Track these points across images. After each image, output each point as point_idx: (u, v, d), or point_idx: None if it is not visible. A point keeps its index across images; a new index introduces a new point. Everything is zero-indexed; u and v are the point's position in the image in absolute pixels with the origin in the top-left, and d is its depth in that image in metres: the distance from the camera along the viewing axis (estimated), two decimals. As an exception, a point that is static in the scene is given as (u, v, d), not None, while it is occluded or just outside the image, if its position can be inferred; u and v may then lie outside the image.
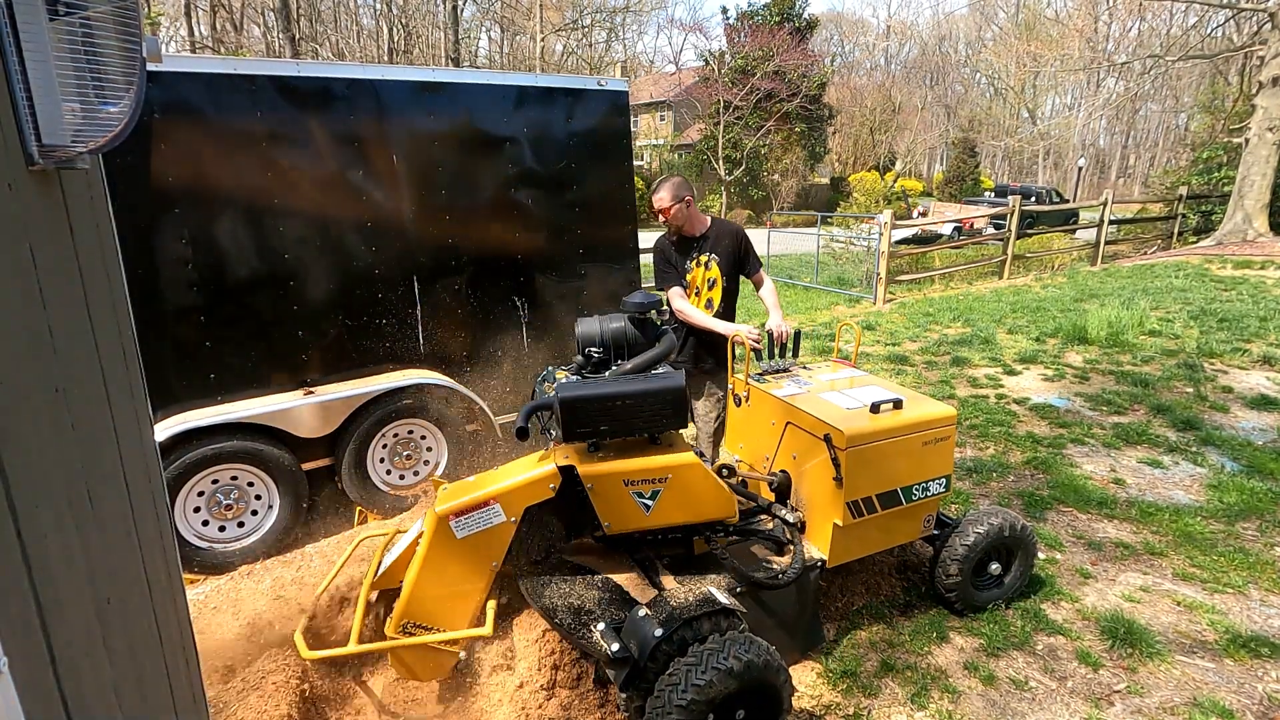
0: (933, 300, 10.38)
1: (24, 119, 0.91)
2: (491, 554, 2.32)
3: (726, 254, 3.32)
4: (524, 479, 2.30)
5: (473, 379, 4.37)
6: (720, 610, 2.22)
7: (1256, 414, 5.25)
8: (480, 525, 2.28)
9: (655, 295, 2.59)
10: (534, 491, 2.31)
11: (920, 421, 2.72)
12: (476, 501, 2.27)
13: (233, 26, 28.98)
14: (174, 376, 3.50)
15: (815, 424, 2.67)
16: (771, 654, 2.11)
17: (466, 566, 2.31)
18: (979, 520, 2.92)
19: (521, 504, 2.31)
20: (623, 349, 2.54)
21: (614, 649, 2.15)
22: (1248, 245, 13.64)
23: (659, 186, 3.27)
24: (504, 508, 2.28)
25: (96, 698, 0.96)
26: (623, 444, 2.39)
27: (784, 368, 3.24)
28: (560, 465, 2.31)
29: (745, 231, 3.43)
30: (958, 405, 5.51)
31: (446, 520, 2.26)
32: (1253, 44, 16.24)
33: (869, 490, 2.65)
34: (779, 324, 3.24)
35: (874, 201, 17.84)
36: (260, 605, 3.04)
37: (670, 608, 2.20)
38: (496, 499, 2.28)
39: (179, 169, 3.37)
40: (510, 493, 2.29)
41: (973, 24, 50.12)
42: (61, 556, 0.90)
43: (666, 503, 2.34)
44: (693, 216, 3.32)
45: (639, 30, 56.42)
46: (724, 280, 3.34)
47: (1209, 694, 2.58)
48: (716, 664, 2.01)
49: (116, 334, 1.33)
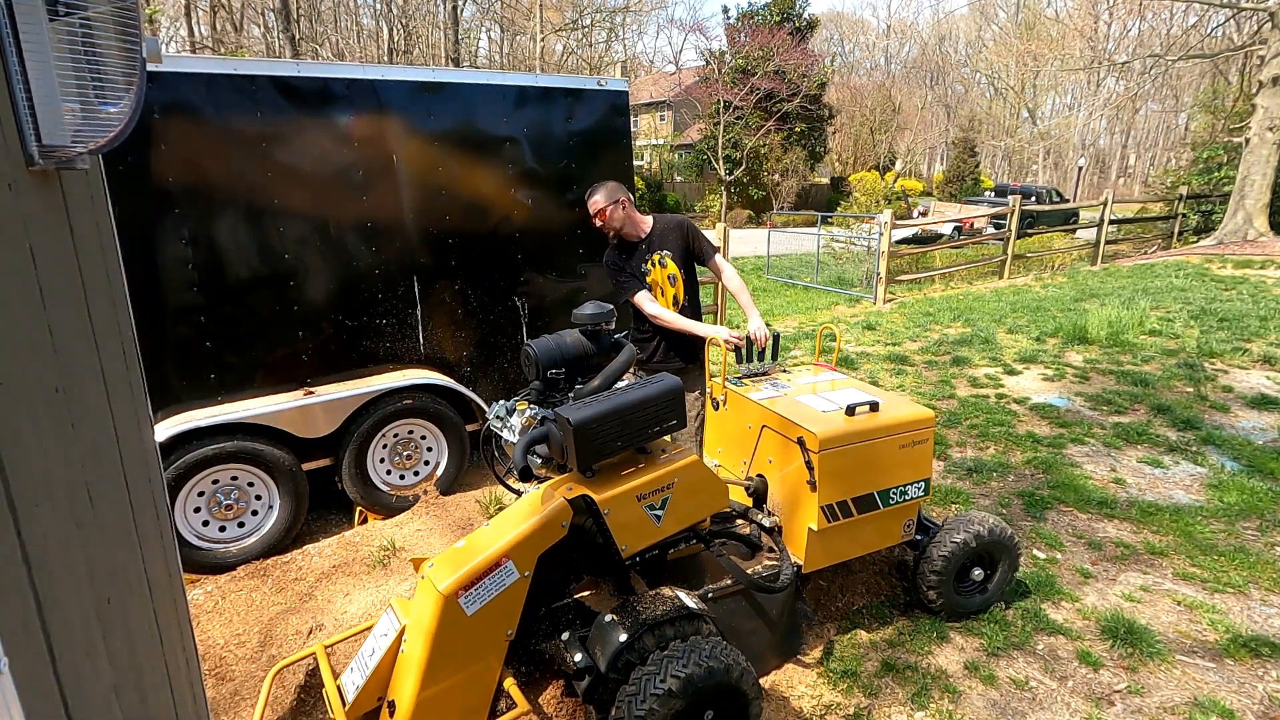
0: (933, 300, 10.37)
1: (24, 119, 0.91)
2: (506, 621, 2.01)
3: (677, 248, 3.28)
4: (534, 523, 2.02)
5: (472, 379, 4.37)
6: (687, 615, 2.16)
7: (1257, 414, 5.24)
8: (494, 591, 1.97)
9: (607, 306, 2.46)
10: (547, 535, 2.05)
11: (897, 424, 2.68)
12: (487, 564, 1.95)
13: (233, 27, 28.98)
14: (174, 376, 3.51)
15: (789, 427, 2.65)
16: (737, 658, 2.05)
17: (480, 645, 1.99)
18: (958, 527, 2.87)
19: (536, 552, 2.03)
20: (581, 366, 2.39)
21: (577, 659, 2.08)
22: (1248, 245, 13.63)
23: (593, 191, 3.18)
24: (517, 563, 1.99)
25: (96, 698, 0.97)
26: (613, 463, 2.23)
27: (763, 371, 3.21)
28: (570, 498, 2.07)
29: (689, 221, 3.37)
30: (958, 405, 5.51)
31: (455, 598, 1.91)
32: (1253, 43, 16.25)
33: (844, 494, 2.61)
34: (759, 327, 3.17)
35: (874, 201, 17.82)
36: (260, 607, 3.04)
37: (636, 614, 2.14)
38: (508, 554, 1.98)
39: (179, 169, 3.37)
40: (523, 543, 2.00)
41: (973, 24, 50.15)
42: (61, 556, 0.90)
43: (674, 509, 2.25)
44: (631, 218, 3.23)
45: (639, 30, 56.35)
46: (683, 274, 3.30)
47: (1209, 694, 2.57)
48: (676, 671, 1.93)
49: (116, 334, 1.33)
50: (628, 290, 3.27)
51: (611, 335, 2.49)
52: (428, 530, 3.75)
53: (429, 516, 3.88)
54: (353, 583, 3.30)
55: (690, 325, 3.20)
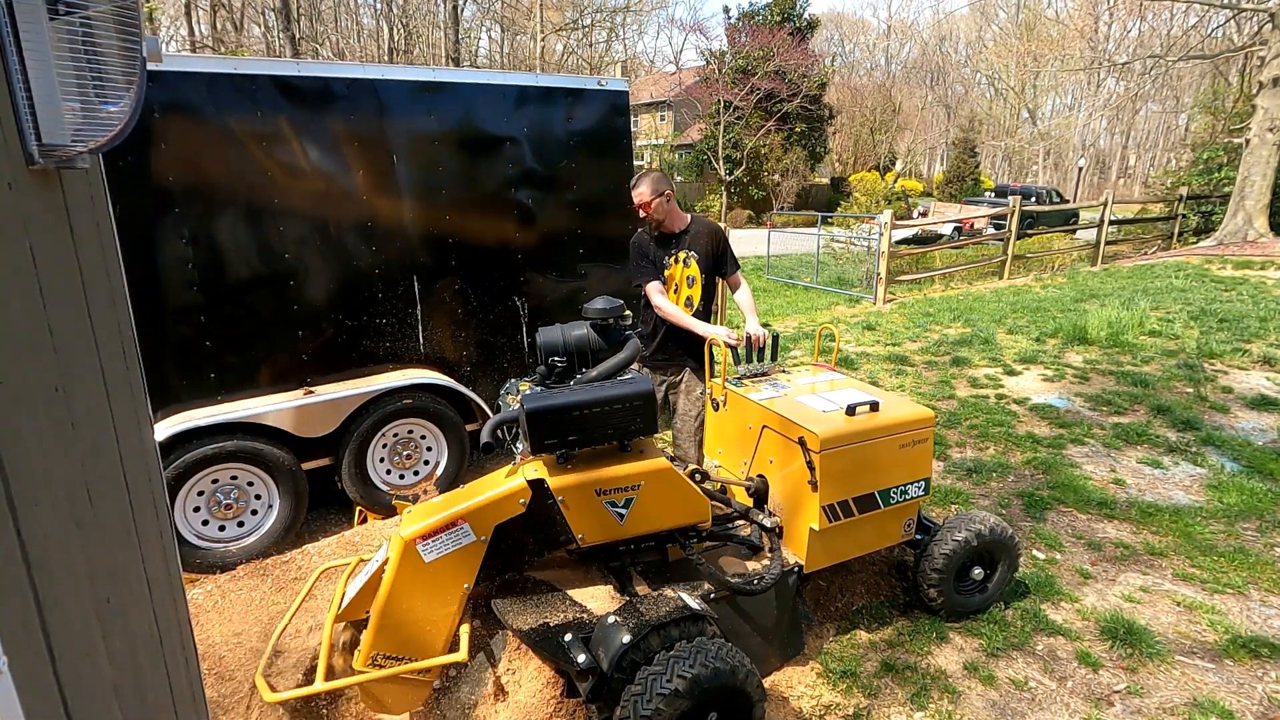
0: (933, 300, 10.37)
1: (24, 119, 0.91)
2: (462, 576, 2.22)
3: (705, 252, 3.31)
4: (493, 495, 2.22)
5: (472, 379, 4.37)
6: (691, 615, 2.17)
7: (1256, 414, 5.25)
8: (449, 547, 2.18)
9: (617, 301, 2.52)
10: (504, 508, 2.23)
11: (897, 424, 2.68)
12: (444, 522, 2.17)
13: (233, 26, 28.98)
14: (174, 376, 3.51)
15: (790, 427, 2.65)
16: (741, 659, 2.06)
17: (437, 591, 2.21)
18: (959, 526, 2.88)
19: (492, 522, 2.22)
20: (586, 356, 2.47)
21: (580, 660, 2.09)
22: (1248, 245, 13.64)
23: (638, 181, 3.22)
24: (473, 526, 2.19)
25: (96, 698, 0.96)
26: (593, 453, 2.32)
27: (763, 372, 3.21)
28: (530, 479, 2.22)
29: (724, 231, 3.41)
30: (958, 406, 5.51)
31: (414, 544, 2.15)
32: (1253, 44, 16.25)
33: (845, 494, 2.62)
34: (756, 329, 3.20)
35: (874, 202, 17.82)
36: (260, 606, 3.04)
37: (640, 614, 2.15)
38: (465, 518, 2.19)
39: (179, 169, 3.37)
40: (479, 510, 2.20)
41: (973, 24, 50.16)
42: (61, 556, 0.90)
43: (640, 511, 2.28)
44: (673, 212, 3.28)
45: (639, 30, 56.39)
46: (703, 278, 3.32)
47: (1209, 694, 2.58)
48: (682, 672, 1.95)
49: (116, 334, 1.33)
50: (643, 276, 3.31)
51: (622, 330, 2.54)
52: (427, 530, 3.74)
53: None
54: (352, 582, 3.30)
55: (691, 323, 3.21)
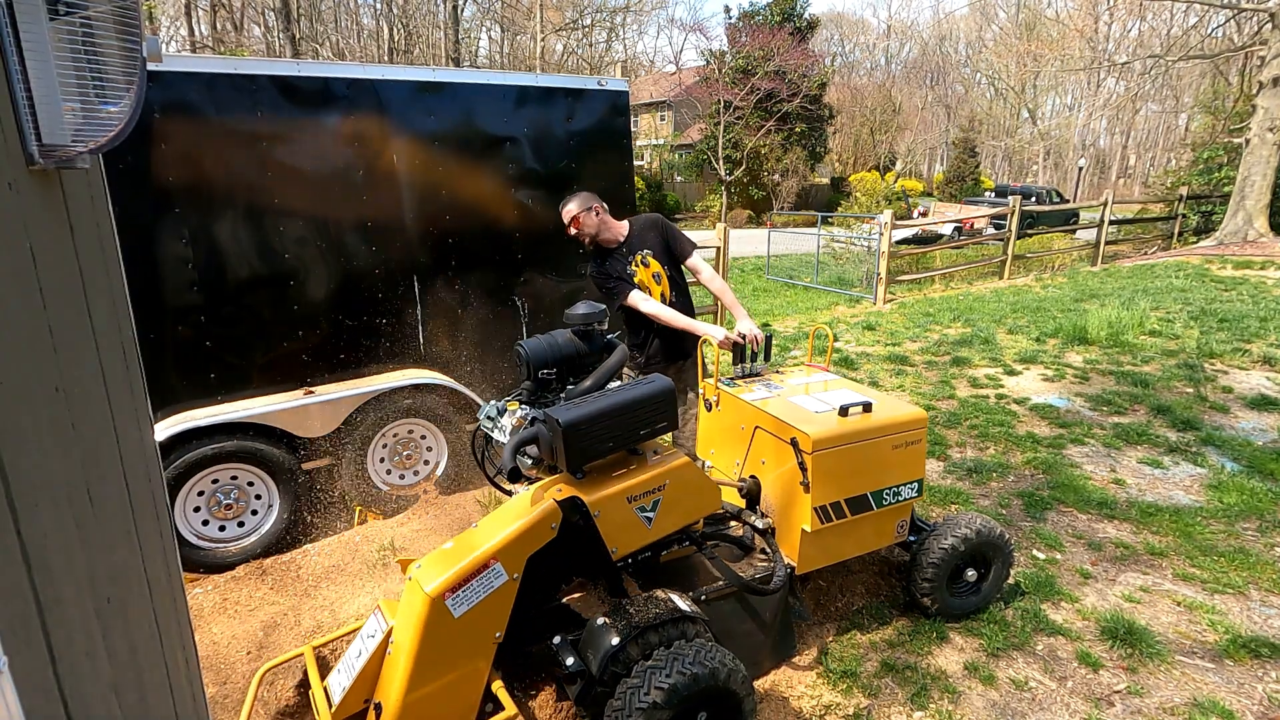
0: (933, 300, 10.37)
1: (24, 119, 0.91)
2: (494, 624, 2.00)
3: (657, 246, 3.30)
4: (523, 525, 2.00)
5: (473, 379, 4.37)
6: (679, 617, 2.15)
7: (1256, 414, 5.24)
8: (481, 593, 1.95)
9: (599, 305, 2.45)
10: (536, 536, 2.02)
11: (890, 424, 2.67)
12: (475, 566, 1.93)
13: (233, 26, 28.99)
14: (174, 376, 3.50)
15: (782, 428, 2.63)
16: (723, 659, 2.04)
17: (468, 647, 1.97)
18: (951, 528, 2.87)
19: (524, 554, 2.01)
20: (574, 366, 2.39)
21: (569, 663, 2.06)
22: (1248, 245, 13.64)
23: (565, 201, 3.20)
24: (505, 565, 1.97)
25: (96, 697, 0.96)
26: (604, 463, 2.21)
27: (756, 372, 3.18)
28: (560, 500, 2.06)
29: (663, 217, 3.38)
30: (958, 406, 5.51)
31: (441, 600, 1.90)
32: (1253, 44, 16.25)
33: (837, 495, 2.60)
34: (750, 328, 3.15)
35: (874, 202, 17.82)
36: (260, 606, 3.04)
37: (629, 616, 2.12)
38: (496, 556, 1.96)
39: (179, 169, 3.37)
40: (511, 544, 1.98)
41: (973, 24, 50.15)
42: (61, 556, 0.90)
43: (665, 510, 2.24)
44: (606, 223, 3.24)
45: (639, 30, 56.48)
46: (667, 270, 3.31)
47: (1209, 694, 2.57)
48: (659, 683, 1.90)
49: (116, 334, 1.33)
50: (620, 295, 3.25)
51: (604, 335, 2.48)
52: (428, 530, 3.75)
53: (429, 516, 3.88)
54: (352, 583, 3.30)
55: (689, 323, 3.20)
